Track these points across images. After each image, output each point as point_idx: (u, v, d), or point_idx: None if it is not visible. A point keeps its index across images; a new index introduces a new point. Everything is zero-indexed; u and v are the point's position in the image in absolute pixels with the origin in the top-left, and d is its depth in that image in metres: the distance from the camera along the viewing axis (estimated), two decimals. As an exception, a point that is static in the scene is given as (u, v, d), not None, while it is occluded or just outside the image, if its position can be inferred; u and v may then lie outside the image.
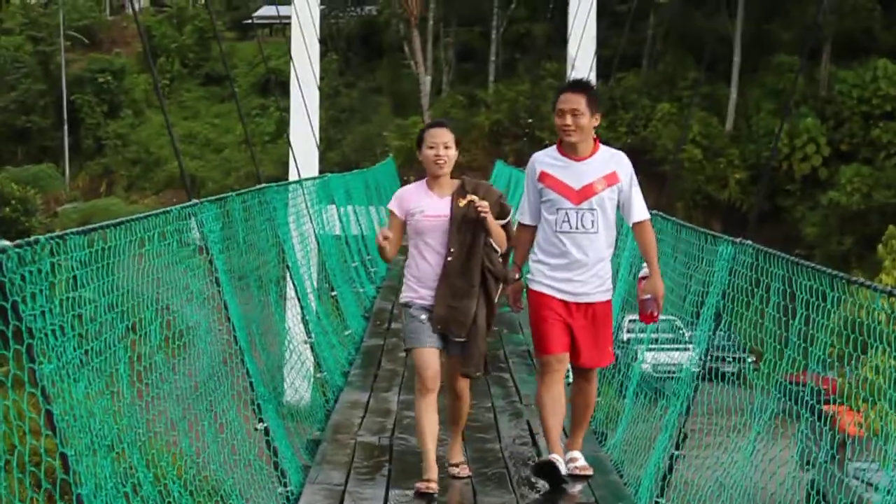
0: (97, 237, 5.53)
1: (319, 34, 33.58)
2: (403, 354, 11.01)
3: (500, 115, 64.11)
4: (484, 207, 7.76)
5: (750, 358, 8.30)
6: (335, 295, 15.15)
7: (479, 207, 7.75)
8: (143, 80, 74.26)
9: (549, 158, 8.03)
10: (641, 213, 8.04)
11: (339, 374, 12.42)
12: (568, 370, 8.33)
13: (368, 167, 35.94)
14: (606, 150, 8.06)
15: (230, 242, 9.24)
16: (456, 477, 8.38)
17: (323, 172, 26.65)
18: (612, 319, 8.34)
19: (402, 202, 8.12)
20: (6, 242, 4.58)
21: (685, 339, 9.55)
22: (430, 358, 7.98)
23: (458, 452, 8.57)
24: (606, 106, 54.18)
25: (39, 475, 4.53)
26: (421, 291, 8.02)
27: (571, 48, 32.95)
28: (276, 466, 8.20)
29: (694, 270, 8.80)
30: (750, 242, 7.67)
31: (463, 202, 7.85)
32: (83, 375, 5.15)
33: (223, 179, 64.71)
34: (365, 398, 11.46)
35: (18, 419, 4.43)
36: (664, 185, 47.79)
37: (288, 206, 13.25)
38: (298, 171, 22.23)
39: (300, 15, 30.40)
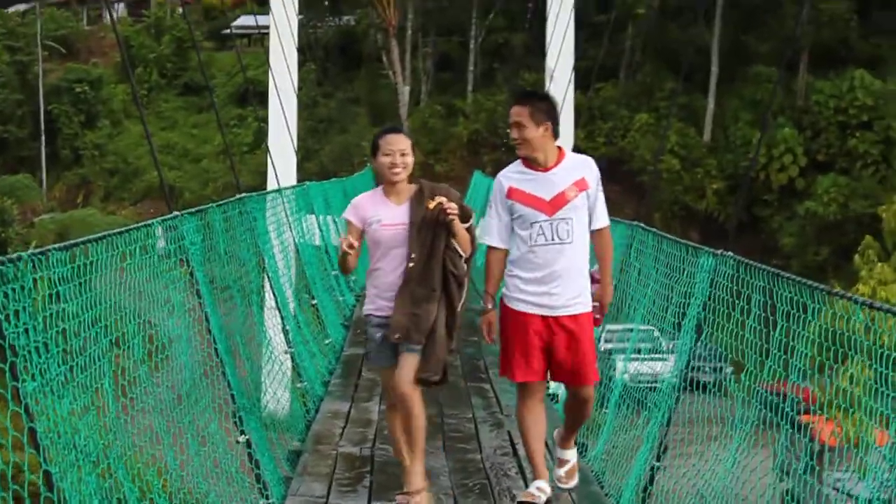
0: (79, 252, 5.49)
1: (298, 44, 33.54)
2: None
3: (478, 125, 64.22)
4: (453, 210, 7.50)
5: (728, 368, 8.25)
6: (315, 304, 15.13)
7: (447, 210, 7.49)
8: (120, 90, 74.18)
9: (515, 174, 7.76)
10: (603, 219, 7.81)
11: (319, 383, 12.39)
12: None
13: (346, 177, 35.91)
14: (573, 156, 7.82)
15: (211, 253, 9.20)
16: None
17: (301, 182, 26.62)
18: (592, 334, 7.83)
19: (358, 210, 7.82)
20: None
21: (664, 349, 9.51)
22: (390, 378, 7.80)
23: (418, 478, 7.91)
24: (585, 117, 54.33)
25: (23, 493, 4.50)
26: (379, 302, 7.75)
27: (550, 59, 32.95)
28: (258, 479, 8.16)
29: (675, 282, 8.79)
30: (731, 254, 7.67)
31: (432, 204, 7.54)
32: (67, 392, 5.11)
33: (201, 190, 64.63)
34: (346, 408, 11.44)
35: (2, 437, 4.40)
36: (642, 195, 47.95)
37: (267, 215, 13.22)
38: (277, 180, 22.15)
39: (278, 24, 30.36)
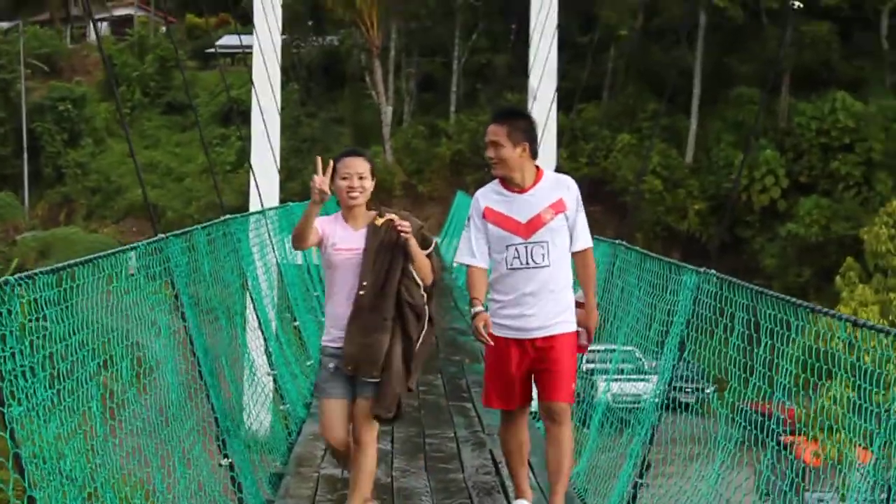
0: (65, 275, 5.48)
1: (281, 64, 33.58)
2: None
3: (461, 145, 64.31)
4: (405, 227, 7.11)
5: (710, 388, 8.26)
6: (297, 325, 15.11)
7: (398, 227, 7.12)
8: (103, 108, 74.14)
9: (492, 194, 7.58)
10: (584, 240, 7.53)
11: (301, 405, 12.37)
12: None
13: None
14: (551, 176, 7.58)
15: (196, 275, 9.20)
16: None
17: (284, 202, 26.60)
18: (573, 355, 7.55)
19: (321, 223, 7.35)
20: None
21: (646, 369, 9.52)
22: (333, 416, 7.34)
23: None
24: (567, 137, 54.41)
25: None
26: (333, 333, 7.36)
27: (533, 79, 33.06)
28: (240, 502, 8.16)
29: (658, 300, 8.80)
30: (714, 272, 7.69)
31: (381, 220, 7.23)
32: (54, 416, 5.10)
33: (184, 208, 64.64)
34: (328, 431, 11.41)
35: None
36: (625, 215, 48.03)
37: (250, 235, 13.22)
38: (261, 200, 22.12)
39: (262, 44, 30.40)
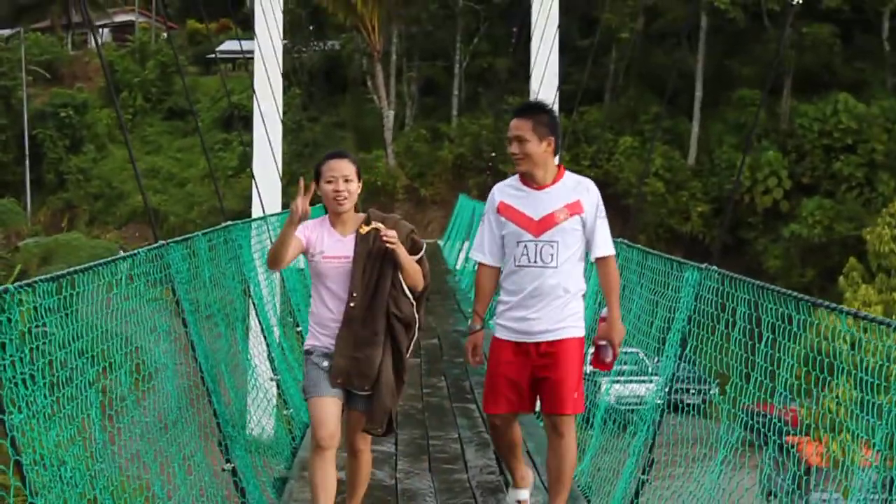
0: (65, 282, 5.48)
1: (283, 69, 33.60)
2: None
3: (463, 148, 64.31)
4: (391, 237, 6.86)
5: (713, 388, 8.24)
6: (300, 330, 15.10)
7: (384, 237, 6.87)
8: (105, 114, 74.10)
9: (509, 188, 7.37)
10: (605, 248, 7.29)
11: (304, 410, 12.36)
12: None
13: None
14: (572, 177, 7.34)
15: (196, 282, 9.20)
16: None
17: (286, 206, 26.61)
18: (579, 362, 7.31)
19: (305, 230, 7.10)
20: None
21: (649, 371, 9.50)
22: (327, 411, 7.02)
23: None
24: (570, 140, 54.44)
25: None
26: (322, 339, 7.11)
27: (534, 83, 33.06)
28: (243, 506, 8.17)
29: (660, 297, 8.78)
30: (715, 267, 7.68)
31: (365, 229, 7.00)
32: (54, 423, 5.10)
33: (186, 213, 64.67)
34: (331, 435, 11.42)
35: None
36: (627, 218, 48.03)
37: (252, 241, 13.23)
38: (262, 205, 22.15)
39: (263, 50, 30.43)
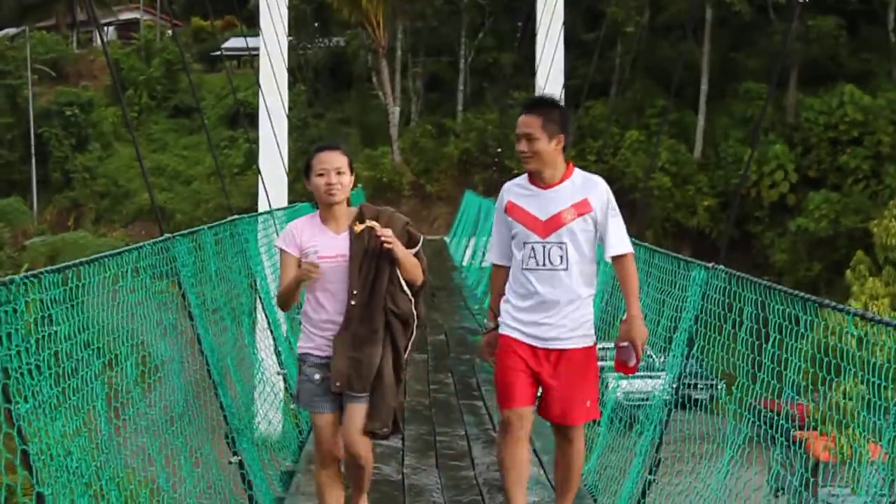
0: (71, 274, 5.48)
1: (288, 65, 33.57)
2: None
3: (468, 144, 64.31)
4: (386, 236, 6.61)
5: (721, 384, 8.18)
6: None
7: (379, 235, 6.63)
8: (110, 112, 74.17)
9: (517, 188, 7.08)
10: (620, 246, 6.96)
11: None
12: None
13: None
14: (580, 174, 7.02)
15: (203, 276, 9.20)
16: None
17: (293, 203, 26.62)
18: (593, 370, 7.08)
19: (294, 237, 6.89)
20: None
21: (657, 366, 9.46)
22: (326, 427, 6.90)
23: None
24: (575, 134, 54.38)
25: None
26: (317, 340, 6.86)
27: (540, 78, 33.05)
28: (250, 499, 8.17)
29: (667, 296, 8.74)
30: (722, 267, 7.61)
31: (359, 228, 6.72)
32: (60, 413, 5.10)
33: (192, 211, 64.68)
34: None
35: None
36: (634, 212, 48.01)
37: (259, 236, 13.23)
38: (269, 201, 22.11)
39: (268, 46, 30.43)
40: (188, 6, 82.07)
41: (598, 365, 7.14)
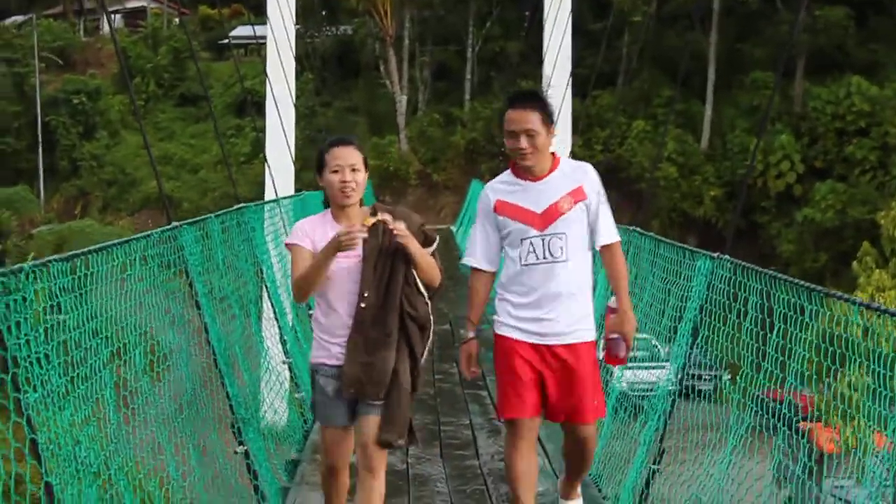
0: (79, 263, 5.49)
1: (295, 53, 33.57)
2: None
3: (475, 133, 64.28)
4: (400, 230, 6.25)
5: (726, 375, 8.16)
6: (312, 313, 15.09)
7: (392, 228, 6.27)
8: (117, 101, 74.20)
9: (503, 185, 6.88)
10: (610, 234, 6.81)
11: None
12: None
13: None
14: (568, 162, 6.87)
15: (209, 264, 9.22)
16: None
17: (299, 191, 26.64)
18: (595, 366, 6.88)
19: (305, 233, 6.52)
20: None
21: (661, 356, 9.45)
22: (339, 447, 6.60)
23: None
24: (582, 124, 54.35)
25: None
26: (332, 349, 6.47)
27: (547, 67, 33.00)
28: (256, 489, 8.19)
29: (672, 285, 8.72)
30: (728, 257, 7.59)
31: (370, 221, 6.34)
32: (69, 403, 5.11)
33: (199, 199, 64.69)
34: (343, 418, 11.45)
35: (3, 448, 4.42)
36: (640, 202, 48.00)
37: (265, 224, 13.25)
38: (276, 190, 22.13)
39: (276, 34, 30.41)
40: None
41: (597, 361, 6.96)
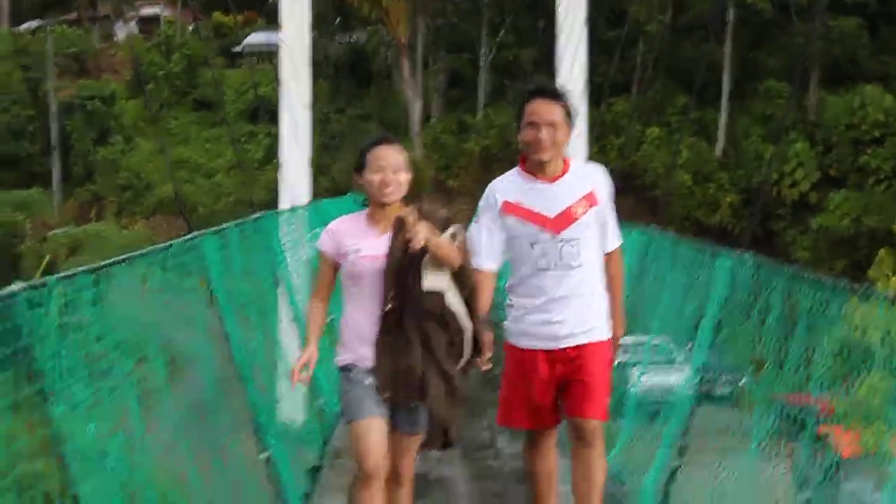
0: (103, 274, 5.46)
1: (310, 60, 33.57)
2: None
3: (489, 140, 64.26)
4: (416, 238, 5.97)
5: (744, 379, 8.11)
6: (331, 320, 15.09)
7: (408, 236, 6.01)
8: (132, 106, 74.36)
9: (511, 185, 6.59)
10: (615, 240, 6.72)
11: (336, 399, 12.38)
12: None
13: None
14: (579, 165, 6.71)
15: (229, 272, 9.23)
16: None
17: (315, 197, 26.67)
18: (607, 366, 6.68)
19: (334, 237, 6.37)
20: (17, 286, 4.51)
21: (677, 360, 9.40)
22: (372, 438, 6.12)
23: None
24: (598, 131, 54.34)
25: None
26: (361, 351, 6.25)
27: (562, 74, 32.98)
28: (278, 495, 8.20)
29: (692, 285, 8.67)
30: (750, 254, 7.49)
31: (400, 213, 6.16)
32: (94, 414, 5.07)
33: (213, 204, 64.77)
34: (363, 423, 11.47)
35: (30, 461, 4.40)
36: (655, 209, 47.97)
37: (283, 232, 13.27)
38: (291, 195, 22.16)
39: (290, 40, 30.40)
40: (209, 2, 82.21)
41: (612, 364, 6.77)
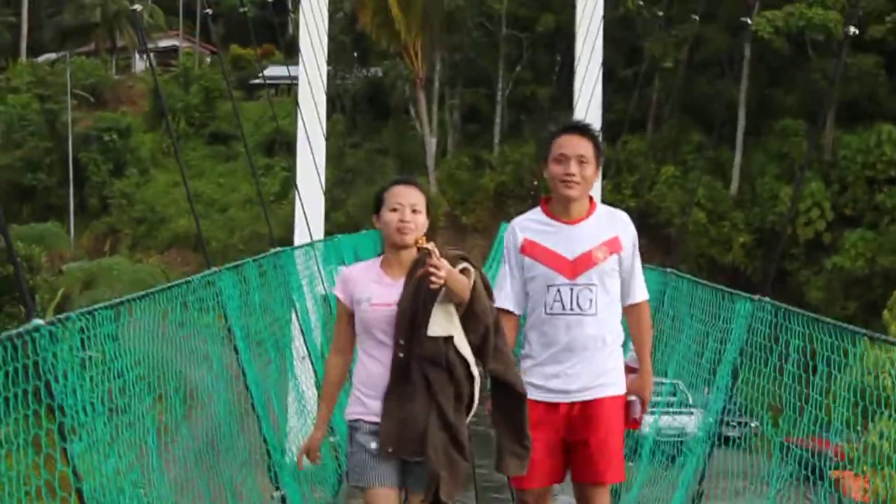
0: (123, 310, 5.48)
1: (327, 92, 33.69)
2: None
3: (504, 176, 64.34)
4: (437, 276, 5.57)
5: (754, 422, 8.06)
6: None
7: (429, 275, 5.58)
8: (148, 138, 74.70)
9: (533, 223, 6.38)
10: (642, 292, 6.43)
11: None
12: None
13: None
14: (605, 209, 6.43)
15: (246, 308, 9.22)
16: None
17: (329, 232, 26.71)
18: (620, 423, 6.40)
19: (347, 285, 6.05)
20: (39, 321, 4.53)
21: (689, 402, 9.37)
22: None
23: None
24: (612, 169, 54.38)
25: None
26: (370, 404, 5.86)
27: (578, 112, 33.07)
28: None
29: (709, 328, 8.64)
30: (769, 299, 7.48)
31: (421, 244, 5.80)
32: (113, 451, 5.07)
33: (227, 238, 64.91)
34: (377, 462, 11.44)
35: (50, 497, 4.40)
36: (669, 247, 47.91)
37: (299, 268, 13.28)
38: (309, 230, 22.16)
39: (308, 74, 30.52)
40: (227, 35, 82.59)
41: (625, 420, 6.48)
